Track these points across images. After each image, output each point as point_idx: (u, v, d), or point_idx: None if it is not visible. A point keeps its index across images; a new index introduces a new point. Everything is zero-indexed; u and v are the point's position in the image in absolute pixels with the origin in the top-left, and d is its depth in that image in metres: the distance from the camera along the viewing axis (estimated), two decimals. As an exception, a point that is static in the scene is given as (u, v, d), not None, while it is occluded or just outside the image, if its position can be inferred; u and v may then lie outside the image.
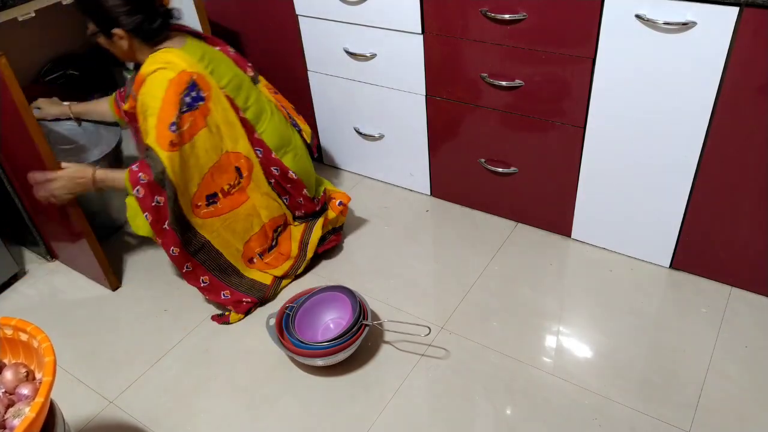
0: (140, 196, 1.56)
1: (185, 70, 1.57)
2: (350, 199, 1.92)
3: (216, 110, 1.62)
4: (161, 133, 1.54)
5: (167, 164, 1.54)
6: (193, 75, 1.58)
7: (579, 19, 1.51)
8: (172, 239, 1.62)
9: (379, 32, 1.88)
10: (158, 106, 1.54)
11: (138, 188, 1.55)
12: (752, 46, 1.33)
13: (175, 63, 1.57)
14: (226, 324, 1.73)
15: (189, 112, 1.57)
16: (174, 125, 1.54)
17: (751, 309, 1.63)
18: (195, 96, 1.58)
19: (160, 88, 1.54)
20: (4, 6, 1.68)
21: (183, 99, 1.56)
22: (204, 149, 1.62)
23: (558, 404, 1.44)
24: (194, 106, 1.58)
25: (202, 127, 1.60)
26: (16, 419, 1.10)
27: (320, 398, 1.51)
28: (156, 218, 1.58)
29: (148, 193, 1.56)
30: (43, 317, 1.82)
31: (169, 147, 1.54)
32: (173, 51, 1.60)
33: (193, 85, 1.58)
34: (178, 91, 1.55)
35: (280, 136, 1.78)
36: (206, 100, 1.60)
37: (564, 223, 1.89)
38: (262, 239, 1.79)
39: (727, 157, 1.50)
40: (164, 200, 1.57)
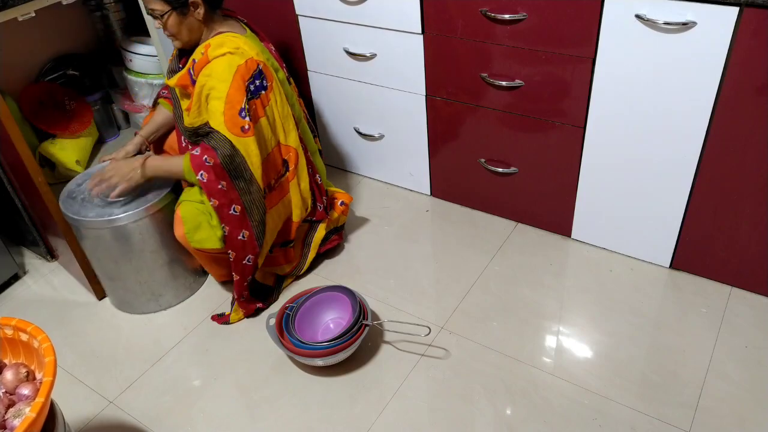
0: (205, 180, 1.51)
1: (253, 57, 1.55)
2: (352, 199, 1.92)
3: (275, 101, 1.61)
4: (231, 119, 1.51)
5: (242, 149, 1.52)
6: (260, 63, 1.56)
7: (579, 19, 1.51)
8: (241, 224, 1.57)
9: (379, 32, 1.88)
10: (226, 89, 1.50)
11: (202, 172, 1.50)
12: (752, 46, 1.33)
13: (244, 49, 1.55)
14: (226, 324, 1.73)
15: (254, 100, 1.55)
16: (243, 111, 1.51)
17: (751, 309, 1.63)
18: (258, 84, 1.56)
19: (229, 71, 1.51)
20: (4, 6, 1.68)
21: (248, 87, 1.53)
22: (262, 138, 1.59)
23: (558, 404, 1.44)
24: (257, 94, 1.56)
25: (261, 116, 1.58)
26: (16, 419, 1.10)
27: (320, 398, 1.51)
28: (222, 202, 1.53)
29: (213, 177, 1.51)
30: (43, 317, 1.82)
31: (240, 132, 1.51)
32: (240, 37, 1.58)
33: (260, 73, 1.56)
34: (246, 77, 1.52)
35: (308, 135, 1.80)
36: (268, 90, 1.58)
37: (564, 223, 1.89)
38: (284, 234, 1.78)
39: (727, 157, 1.50)
40: (228, 184, 1.52)
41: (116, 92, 2.56)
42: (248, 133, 1.53)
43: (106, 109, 2.58)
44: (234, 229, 1.57)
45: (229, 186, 1.53)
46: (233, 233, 1.58)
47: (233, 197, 1.55)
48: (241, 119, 1.52)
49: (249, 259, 1.63)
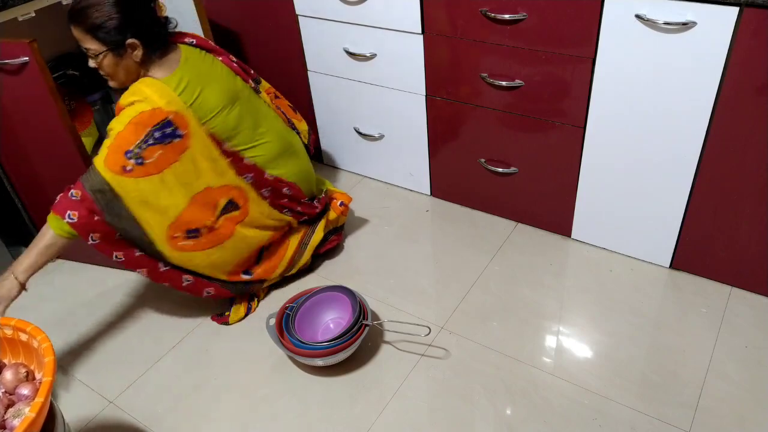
0: (75, 220, 1.44)
1: (161, 108, 1.49)
2: (351, 200, 1.92)
3: (196, 147, 1.56)
4: (113, 157, 1.47)
5: (117, 188, 1.47)
6: (169, 114, 1.50)
7: (579, 19, 1.51)
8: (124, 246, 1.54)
9: (379, 32, 1.88)
10: (119, 130, 1.48)
11: (69, 213, 1.44)
12: (752, 46, 1.33)
13: (153, 99, 1.50)
14: (225, 324, 1.73)
15: (157, 146, 1.49)
16: (131, 153, 1.47)
17: (751, 309, 1.63)
18: (169, 132, 1.51)
19: (129, 116, 1.49)
20: (4, 6, 1.68)
21: (151, 132, 1.49)
22: (179, 184, 1.55)
23: (558, 404, 1.44)
24: (164, 141, 1.50)
25: (174, 161, 1.53)
26: (16, 419, 1.10)
27: (320, 398, 1.51)
28: (104, 232, 1.49)
29: (85, 212, 1.45)
30: (43, 317, 1.82)
31: (121, 171, 1.47)
32: (154, 84, 1.52)
33: (168, 123, 1.50)
34: (147, 124, 1.48)
35: (280, 143, 1.75)
36: (184, 137, 1.53)
37: (564, 223, 1.89)
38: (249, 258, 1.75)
39: (727, 157, 1.50)
40: (101, 219, 1.47)
41: (116, 92, 2.55)
42: (130, 174, 1.47)
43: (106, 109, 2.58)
44: (129, 251, 1.55)
45: (100, 221, 1.48)
46: (129, 255, 1.55)
47: (114, 227, 1.50)
48: (125, 159, 1.47)
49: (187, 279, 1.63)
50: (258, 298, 1.80)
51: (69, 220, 1.44)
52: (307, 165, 1.86)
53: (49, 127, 1.67)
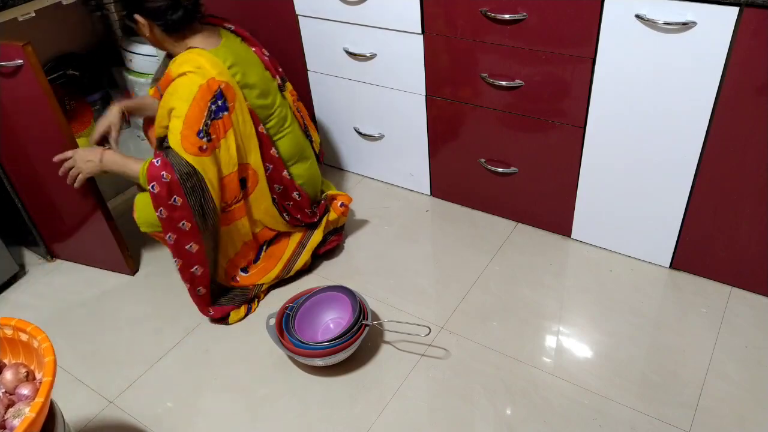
0: (155, 192, 1.51)
1: (215, 77, 1.53)
2: (351, 200, 1.91)
3: (237, 122, 1.59)
4: (188, 139, 1.51)
5: (199, 168, 1.52)
6: (221, 84, 1.54)
7: (579, 19, 1.51)
8: (190, 237, 1.58)
9: (379, 32, 1.88)
10: (185, 109, 1.51)
11: (154, 184, 1.51)
12: (752, 46, 1.33)
13: (206, 69, 1.53)
14: (225, 324, 1.73)
15: (217, 120, 1.55)
16: (202, 132, 1.52)
17: (751, 309, 1.63)
18: (221, 105, 1.55)
19: (190, 92, 1.51)
20: (4, 6, 1.68)
21: (210, 106, 1.53)
22: (221, 161, 1.59)
23: (558, 404, 1.44)
24: (219, 115, 1.55)
25: (222, 137, 1.57)
26: (16, 419, 1.10)
27: (320, 398, 1.51)
28: (171, 215, 1.54)
29: (165, 193, 1.51)
30: (43, 317, 1.82)
31: (198, 152, 1.52)
32: (204, 54, 1.56)
33: (220, 94, 1.54)
34: (207, 98, 1.52)
35: (296, 145, 1.78)
36: (230, 111, 1.57)
37: (564, 223, 1.89)
38: (248, 252, 1.77)
39: (727, 157, 1.50)
40: (183, 201, 1.53)
41: (116, 92, 2.55)
42: (206, 153, 1.53)
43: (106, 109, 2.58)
44: (182, 239, 1.58)
45: (183, 203, 1.54)
46: (180, 242, 1.58)
47: (185, 214, 1.55)
48: (199, 139, 1.52)
49: (197, 270, 1.63)
50: (258, 299, 1.80)
51: (151, 189, 1.52)
52: (316, 171, 1.88)
53: (46, 128, 1.67)
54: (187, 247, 1.59)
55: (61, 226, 1.93)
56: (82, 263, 2.01)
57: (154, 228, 1.63)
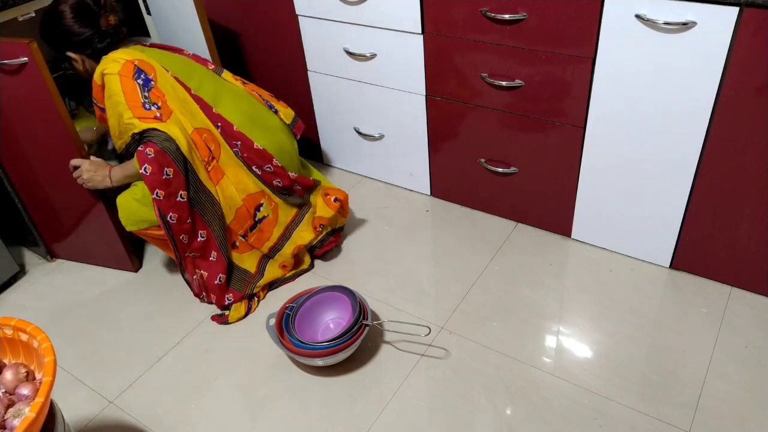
0: (148, 173, 1.55)
1: (127, 59, 1.62)
2: (347, 196, 1.90)
3: (167, 90, 1.65)
4: (141, 116, 1.58)
5: (172, 136, 1.58)
6: (135, 61, 1.63)
7: (579, 19, 1.51)
8: (186, 209, 1.61)
9: (379, 32, 1.88)
10: (122, 98, 1.59)
11: (146, 166, 1.54)
12: (752, 46, 1.33)
13: (117, 57, 1.63)
14: (225, 324, 1.73)
15: (150, 91, 1.62)
16: (146, 104, 1.60)
17: (751, 309, 1.63)
18: (145, 78, 1.63)
19: (116, 83, 1.60)
20: (4, 6, 1.68)
21: (137, 81, 1.61)
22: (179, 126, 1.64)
23: (558, 404, 1.44)
24: (149, 86, 1.63)
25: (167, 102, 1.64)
26: (16, 419, 1.10)
27: (320, 398, 1.51)
28: (168, 192, 1.57)
29: (157, 168, 1.55)
30: (43, 317, 1.82)
31: (156, 121, 1.58)
32: (112, 53, 1.66)
33: (139, 70, 1.62)
34: (129, 75, 1.61)
35: (244, 114, 1.77)
36: (154, 80, 1.64)
37: (564, 223, 1.89)
38: (242, 219, 1.76)
39: (727, 157, 1.50)
40: (174, 171, 1.57)
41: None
42: (163, 119, 1.60)
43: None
44: (183, 215, 1.61)
45: (175, 172, 1.58)
46: (182, 218, 1.61)
47: (179, 184, 1.59)
48: (148, 111, 1.59)
49: (202, 234, 1.67)
50: (258, 298, 1.80)
51: (143, 172, 1.56)
52: (283, 140, 1.82)
53: (49, 127, 1.67)
54: (188, 219, 1.62)
55: (61, 225, 1.93)
56: (84, 262, 2.01)
57: (138, 225, 1.67)
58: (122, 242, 1.87)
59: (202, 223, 1.66)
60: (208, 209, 1.67)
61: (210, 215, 1.67)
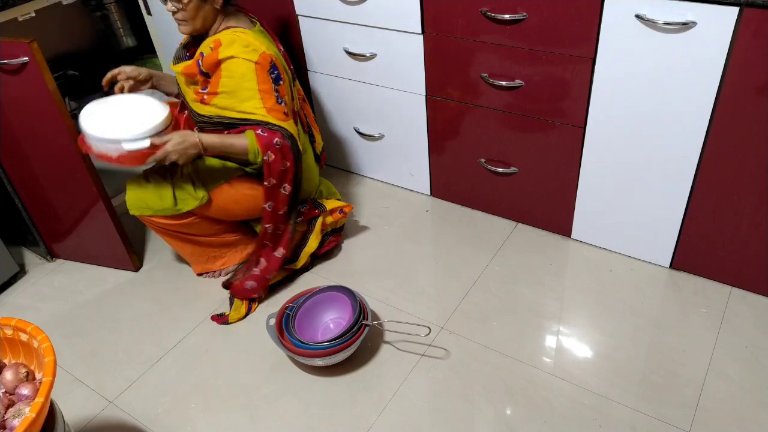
0: (270, 160, 1.59)
1: (265, 51, 1.59)
2: (352, 209, 1.90)
3: (287, 92, 1.67)
4: (272, 109, 1.59)
5: (293, 131, 1.62)
6: (272, 56, 1.61)
7: (579, 19, 1.51)
8: (286, 202, 1.68)
9: (379, 32, 1.88)
10: (255, 87, 1.57)
11: (269, 153, 1.58)
12: (752, 46, 1.33)
13: (255, 45, 1.58)
14: (225, 324, 1.73)
15: (279, 86, 1.62)
16: (279, 98, 1.61)
17: (751, 309, 1.63)
18: (276, 75, 1.62)
19: (249, 71, 1.56)
20: (4, 6, 1.69)
21: (271, 77, 1.60)
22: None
23: (558, 404, 1.44)
24: (278, 83, 1.63)
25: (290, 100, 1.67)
26: (16, 419, 1.10)
27: (320, 398, 1.51)
28: (279, 182, 1.63)
29: (279, 158, 1.60)
30: (43, 317, 1.82)
31: (284, 117, 1.61)
32: (248, 32, 1.60)
33: (274, 65, 1.61)
34: (266, 68, 1.59)
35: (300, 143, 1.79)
36: (283, 81, 1.64)
37: (564, 223, 1.89)
38: None
39: (727, 157, 1.50)
40: (291, 164, 1.63)
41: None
42: (289, 117, 1.63)
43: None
44: (278, 205, 1.68)
45: (291, 166, 1.63)
46: (277, 209, 1.68)
47: (289, 177, 1.65)
48: (280, 105, 1.61)
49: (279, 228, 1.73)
50: (258, 299, 1.80)
51: (267, 158, 1.59)
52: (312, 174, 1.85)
53: (49, 127, 1.67)
54: (281, 212, 1.68)
55: (61, 225, 1.93)
56: (84, 262, 2.01)
57: (142, 211, 1.68)
58: (123, 241, 1.87)
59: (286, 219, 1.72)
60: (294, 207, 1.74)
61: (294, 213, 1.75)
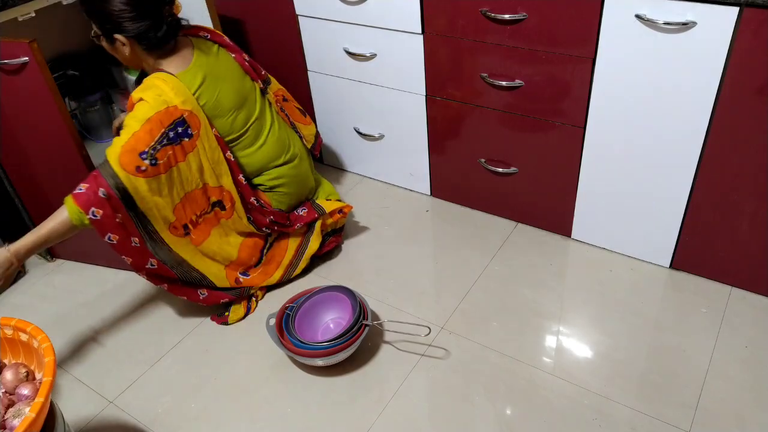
0: (98, 218, 1.43)
1: (177, 106, 1.53)
2: (351, 208, 1.90)
3: (202, 147, 1.59)
4: (127, 157, 1.46)
5: (129, 187, 1.47)
6: (184, 113, 1.54)
7: (579, 19, 1.51)
8: (145, 253, 1.55)
9: (379, 32, 1.88)
10: (136, 128, 1.48)
11: (93, 210, 1.43)
12: (752, 46, 1.33)
13: (169, 96, 1.52)
14: (225, 324, 1.73)
15: (169, 146, 1.52)
16: (145, 154, 1.48)
17: (751, 309, 1.63)
18: (181, 132, 1.54)
19: (144, 113, 1.50)
20: (4, 6, 1.68)
21: (166, 133, 1.51)
22: (179, 181, 1.57)
23: (558, 404, 1.44)
24: (176, 141, 1.53)
25: (180, 161, 1.55)
26: (16, 419, 1.10)
27: (320, 398, 1.51)
28: (123, 235, 1.49)
29: (110, 211, 1.45)
30: (44, 317, 1.82)
31: (134, 171, 1.47)
32: (170, 80, 1.55)
33: (182, 121, 1.54)
34: (165, 123, 1.51)
35: (279, 148, 1.78)
36: (194, 138, 1.56)
37: (564, 223, 1.89)
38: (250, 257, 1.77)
39: (727, 157, 1.50)
40: (124, 216, 1.49)
41: (116, 92, 2.55)
42: (143, 174, 1.48)
43: (106, 109, 2.58)
44: (139, 260, 1.55)
45: (125, 217, 1.49)
46: (139, 263, 1.56)
47: (131, 230, 1.51)
48: (141, 160, 1.47)
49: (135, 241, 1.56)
50: (257, 298, 1.80)
51: (92, 217, 1.43)
52: (304, 170, 1.86)
53: (49, 127, 1.67)
54: (148, 264, 1.57)
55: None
56: (84, 262, 2.01)
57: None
58: None
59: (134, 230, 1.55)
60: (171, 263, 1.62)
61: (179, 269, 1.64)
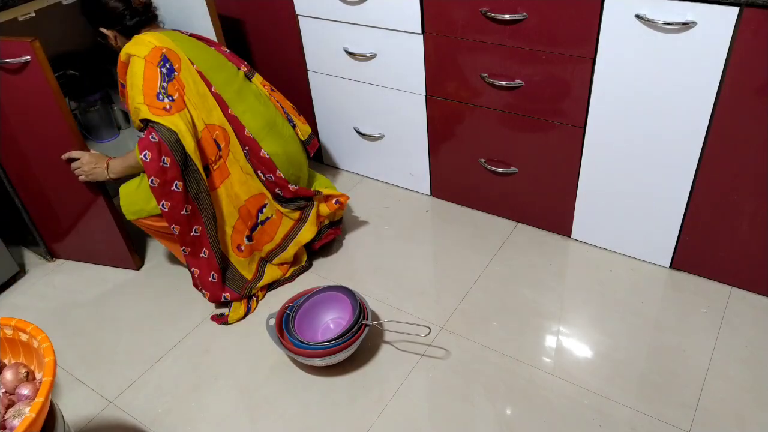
0: (147, 159, 1.55)
1: (156, 45, 1.64)
2: (348, 198, 1.90)
3: (188, 82, 1.66)
4: (152, 105, 1.58)
5: (172, 126, 1.57)
6: (162, 49, 1.64)
7: (579, 19, 1.51)
8: (184, 199, 1.61)
9: (379, 32, 1.88)
10: (141, 83, 1.60)
11: (146, 152, 1.55)
12: (752, 46, 1.33)
13: (147, 41, 1.64)
14: (225, 324, 1.73)
15: (171, 82, 1.62)
16: (161, 94, 1.60)
17: (751, 309, 1.63)
18: (169, 68, 1.64)
19: (139, 66, 1.61)
20: (4, 6, 1.68)
21: (161, 70, 1.62)
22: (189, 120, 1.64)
23: (558, 404, 1.44)
24: (171, 77, 1.63)
25: (184, 96, 1.64)
26: (16, 419, 1.10)
27: (320, 398, 1.51)
28: (163, 180, 1.57)
29: (156, 155, 1.56)
30: (43, 317, 1.82)
31: (164, 113, 1.58)
32: (147, 34, 1.68)
33: (165, 58, 1.64)
34: (155, 62, 1.62)
35: (263, 120, 1.78)
36: (177, 71, 1.65)
37: (564, 223, 1.89)
38: (246, 218, 1.77)
39: (727, 157, 1.50)
40: (171, 161, 1.57)
41: (116, 92, 2.56)
42: (171, 112, 1.59)
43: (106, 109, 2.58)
44: (177, 204, 1.61)
45: (172, 161, 1.57)
46: (176, 208, 1.61)
47: (175, 174, 1.58)
48: (160, 101, 1.59)
49: (197, 230, 1.66)
50: (257, 299, 1.80)
51: (143, 158, 1.56)
52: (294, 150, 1.84)
53: (51, 126, 1.67)
54: (183, 211, 1.61)
55: (61, 225, 1.93)
56: (85, 261, 2.01)
57: (137, 214, 1.69)
58: (124, 239, 1.87)
59: (198, 218, 1.66)
60: (205, 207, 1.67)
61: (206, 213, 1.68)
